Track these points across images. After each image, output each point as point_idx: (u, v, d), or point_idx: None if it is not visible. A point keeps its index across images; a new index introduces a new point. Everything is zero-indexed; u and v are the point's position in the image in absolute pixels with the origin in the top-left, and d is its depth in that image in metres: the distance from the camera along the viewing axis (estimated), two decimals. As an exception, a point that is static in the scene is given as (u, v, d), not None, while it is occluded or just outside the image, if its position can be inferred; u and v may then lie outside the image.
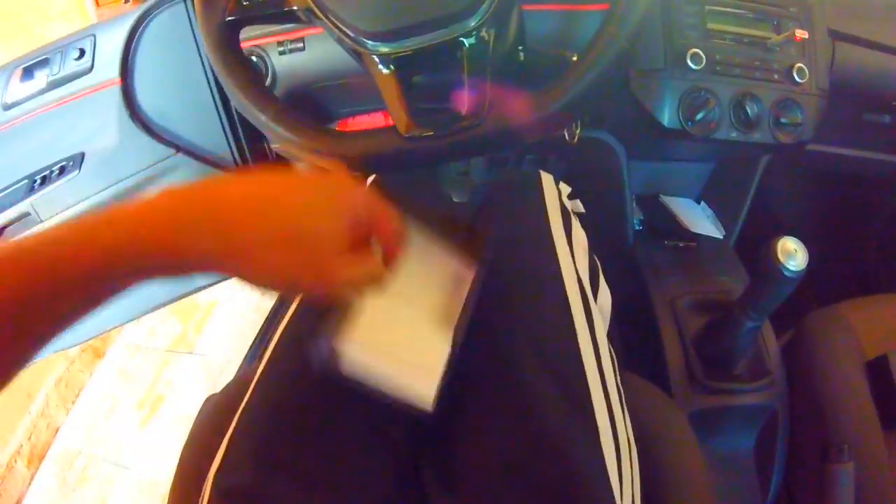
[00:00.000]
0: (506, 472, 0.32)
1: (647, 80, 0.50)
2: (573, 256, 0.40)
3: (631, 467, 0.35)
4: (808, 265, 0.45)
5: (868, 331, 0.59)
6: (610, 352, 0.38)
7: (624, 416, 0.37)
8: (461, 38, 0.35)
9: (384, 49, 0.36)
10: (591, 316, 0.37)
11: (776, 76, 0.53)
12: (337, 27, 0.37)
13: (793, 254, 0.45)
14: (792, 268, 0.45)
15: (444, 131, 0.35)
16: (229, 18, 0.40)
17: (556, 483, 0.31)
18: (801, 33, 0.53)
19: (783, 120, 0.52)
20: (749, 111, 0.51)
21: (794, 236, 0.46)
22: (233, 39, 0.40)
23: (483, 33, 0.35)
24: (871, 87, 0.62)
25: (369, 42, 0.36)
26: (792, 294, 0.48)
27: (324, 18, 0.38)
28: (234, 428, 0.38)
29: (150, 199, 0.25)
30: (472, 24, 0.35)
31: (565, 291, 0.37)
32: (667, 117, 0.49)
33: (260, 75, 0.40)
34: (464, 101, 0.35)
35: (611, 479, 0.32)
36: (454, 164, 0.60)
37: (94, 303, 0.24)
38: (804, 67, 0.53)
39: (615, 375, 0.37)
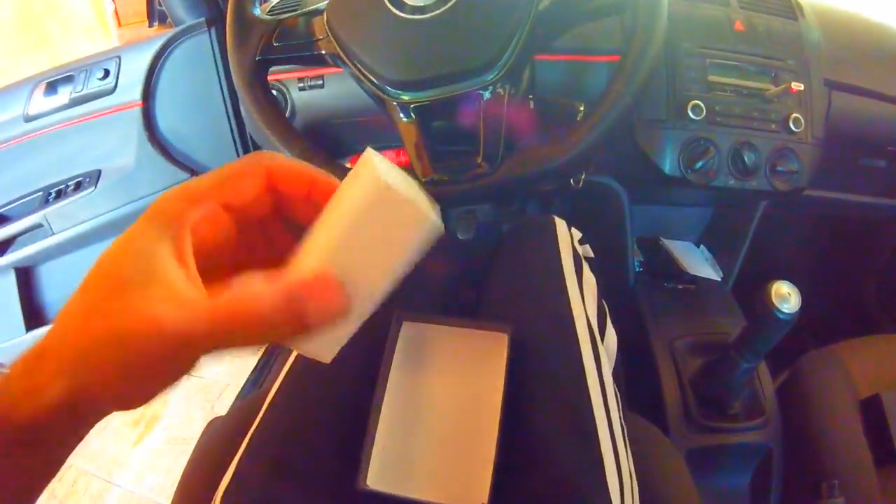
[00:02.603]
0: (511, 496, 0.34)
1: (650, 129, 0.54)
2: (583, 299, 0.43)
3: (633, 501, 0.38)
4: (804, 307, 0.48)
5: (862, 371, 0.61)
6: (615, 390, 0.41)
7: (627, 452, 0.39)
8: (479, 91, 0.38)
9: (405, 97, 0.39)
10: (599, 356, 0.40)
11: (773, 126, 0.56)
12: (362, 74, 0.41)
13: (786, 297, 0.48)
14: (785, 310, 0.48)
15: (460, 178, 0.38)
16: (260, 58, 0.44)
17: None
18: (798, 85, 0.57)
19: (780, 168, 0.56)
20: (747, 160, 0.54)
21: (793, 278, 0.49)
22: (263, 77, 0.44)
23: (499, 87, 0.39)
24: (867, 133, 0.66)
25: (392, 90, 0.40)
26: (790, 335, 0.50)
27: (350, 65, 0.41)
28: (246, 447, 0.40)
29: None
30: (490, 78, 0.38)
31: (576, 332, 0.40)
32: (668, 165, 0.53)
33: (284, 113, 0.43)
34: (479, 149, 0.38)
35: None
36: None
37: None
38: (800, 117, 0.56)
39: (619, 412, 0.40)
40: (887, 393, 0.58)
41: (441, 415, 0.38)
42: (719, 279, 0.70)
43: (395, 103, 0.40)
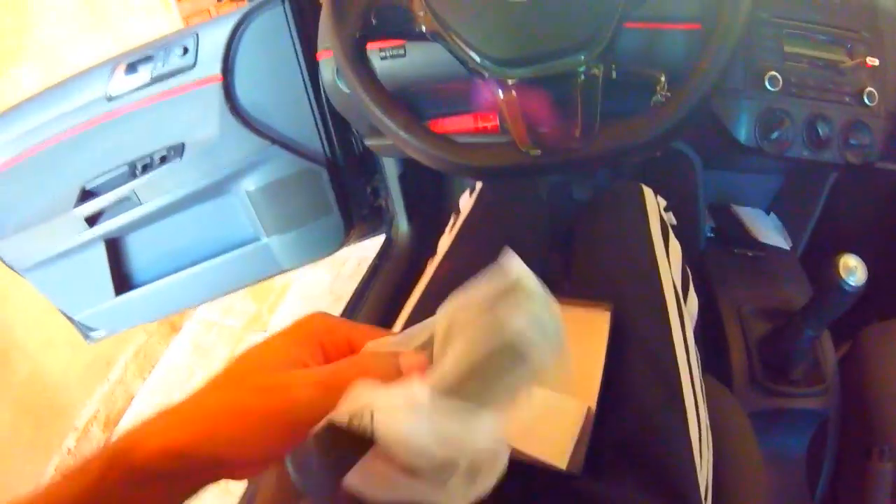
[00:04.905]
0: (607, 445, 0.39)
1: (726, 98, 0.56)
2: (669, 262, 0.47)
3: (708, 450, 0.42)
4: (868, 281, 0.51)
5: (924, 346, 0.64)
6: (695, 349, 0.46)
7: (704, 405, 0.44)
8: (578, 69, 0.42)
9: (506, 74, 0.43)
10: (683, 316, 0.45)
11: (847, 99, 0.58)
12: (464, 51, 0.44)
13: (853, 270, 0.52)
14: (852, 283, 0.51)
15: (559, 149, 0.42)
16: (358, 36, 0.48)
17: (653, 457, 0.38)
18: (872, 60, 0.59)
19: (852, 141, 0.58)
20: (820, 131, 0.57)
21: (860, 251, 0.52)
22: (363, 53, 0.48)
23: (596, 68, 0.42)
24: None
25: (493, 67, 0.44)
26: (853, 308, 0.54)
27: (450, 42, 0.45)
28: None
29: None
30: (588, 57, 0.42)
31: (664, 295, 0.44)
32: (744, 135, 0.56)
33: (384, 87, 0.47)
34: (577, 122, 0.42)
35: (695, 459, 0.39)
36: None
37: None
38: (874, 91, 0.58)
39: (699, 370, 0.45)
40: (946, 367, 0.61)
41: (548, 378, 0.42)
42: (788, 248, 0.73)
43: (495, 79, 0.44)
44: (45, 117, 0.78)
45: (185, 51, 0.74)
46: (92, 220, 0.78)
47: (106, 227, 0.78)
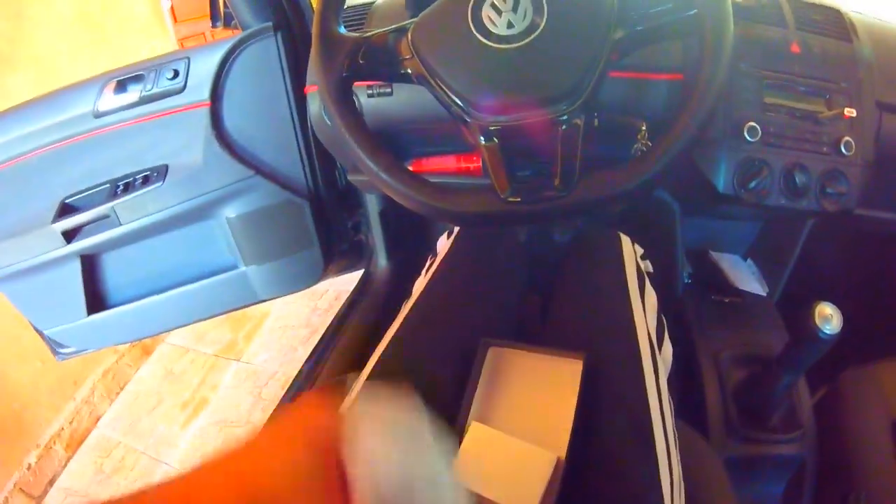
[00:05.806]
0: (578, 496, 0.39)
1: (706, 148, 0.57)
2: (645, 313, 0.47)
3: (680, 499, 0.42)
4: (847, 324, 0.52)
5: (897, 391, 0.65)
6: (668, 398, 0.46)
7: (677, 454, 0.44)
8: (558, 118, 0.43)
9: (487, 120, 0.44)
10: (657, 366, 0.45)
11: (825, 148, 0.60)
12: (447, 95, 0.45)
13: (828, 318, 0.53)
14: (827, 331, 0.52)
15: (535, 198, 0.42)
16: (346, 75, 0.48)
17: None
18: (850, 111, 0.60)
19: (829, 190, 0.59)
20: (798, 181, 0.58)
21: (836, 296, 0.53)
22: (349, 93, 0.49)
23: (578, 117, 0.43)
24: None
25: (475, 113, 0.44)
26: (829, 353, 0.54)
27: (435, 86, 0.46)
28: None
29: None
30: (570, 107, 0.43)
31: (638, 345, 0.45)
32: (722, 183, 0.57)
33: (369, 128, 0.48)
34: (556, 172, 0.43)
35: None
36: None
37: None
38: (851, 141, 0.59)
39: (672, 418, 0.45)
40: (920, 414, 0.62)
41: (520, 426, 0.43)
42: (765, 294, 0.75)
43: (476, 125, 0.44)
44: (31, 128, 0.78)
45: (176, 74, 0.74)
46: (69, 236, 0.77)
47: (83, 243, 0.77)
